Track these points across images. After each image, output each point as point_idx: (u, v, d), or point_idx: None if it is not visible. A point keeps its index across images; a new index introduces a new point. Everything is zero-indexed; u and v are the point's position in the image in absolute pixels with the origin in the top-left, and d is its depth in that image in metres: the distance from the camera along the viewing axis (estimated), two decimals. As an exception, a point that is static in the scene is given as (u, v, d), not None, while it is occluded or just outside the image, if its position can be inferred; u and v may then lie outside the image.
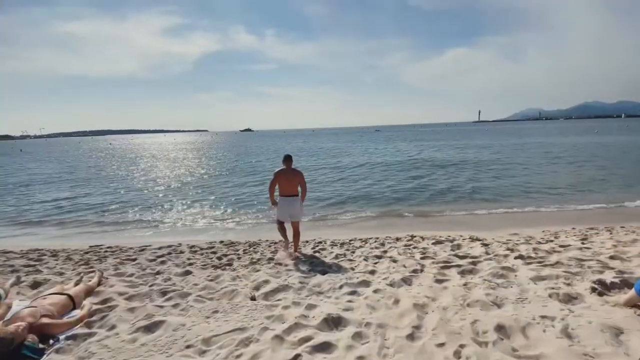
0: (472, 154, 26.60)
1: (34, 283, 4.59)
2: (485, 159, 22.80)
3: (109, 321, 3.30)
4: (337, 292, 3.82)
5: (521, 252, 5.08)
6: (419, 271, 4.51)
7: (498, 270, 4.24)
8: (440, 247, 5.91)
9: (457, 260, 4.95)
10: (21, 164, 34.22)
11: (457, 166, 19.69)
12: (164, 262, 5.66)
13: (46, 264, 5.79)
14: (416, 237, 6.89)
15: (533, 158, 22.22)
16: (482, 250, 5.38)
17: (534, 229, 7.63)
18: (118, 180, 19.85)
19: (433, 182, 14.92)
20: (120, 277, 4.76)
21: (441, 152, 29.38)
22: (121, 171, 24.56)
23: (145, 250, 6.76)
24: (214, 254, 6.04)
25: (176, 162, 30.58)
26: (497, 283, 3.86)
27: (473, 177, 15.81)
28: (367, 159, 23.97)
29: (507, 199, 11.48)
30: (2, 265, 5.60)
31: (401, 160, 24.11)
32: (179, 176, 20.78)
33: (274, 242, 6.86)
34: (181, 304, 3.62)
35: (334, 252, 5.74)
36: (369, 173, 18.57)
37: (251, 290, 3.92)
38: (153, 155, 41.05)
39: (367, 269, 4.66)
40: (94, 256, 6.35)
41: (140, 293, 4.02)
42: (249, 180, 17.90)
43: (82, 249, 7.13)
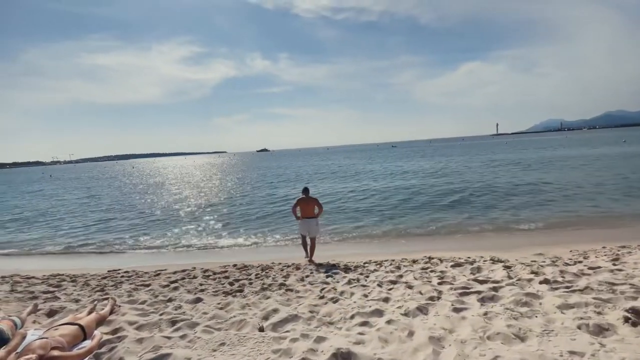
0: (493, 167, 25.88)
1: (50, 311, 4.66)
2: (506, 171, 22.10)
3: (117, 354, 3.27)
4: (348, 323, 3.66)
5: (547, 276, 4.76)
6: (436, 298, 4.29)
7: (521, 297, 3.96)
8: (459, 270, 5.64)
9: (476, 285, 4.68)
10: (52, 189, 35.97)
11: (480, 180, 19.14)
12: (176, 288, 5.65)
13: (64, 290, 5.90)
14: (434, 259, 6.62)
15: (557, 170, 21.34)
16: (504, 274, 5.08)
17: (561, 247, 7.21)
18: (138, 203, 20.44)
19: (450, 197, 14.52)
20: (132, 305, 4.77)
21: (460, 166, 28.77)
22: (141, 194, 25.33)
23: (160, 275, 6.80)
24: (226, 279, 5.99)
25: (195, 184, 31.30)
26: (520, 312, 3.60)
27: (498, 191, 15.27)
28: (392, 182, 23.49)
29: (533, 213, 10.97)
30: (23, 292, 5.75)
31: (415, 183, 23.71)
32: (197, 197, 21.18)
33: (286, 266, 6.76)
34: (189, 335, 3.56)
35: (348, 276, 5.57)
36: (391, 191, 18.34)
37: (260, 320, 3.82)
38: (173, 178, 42.28)
39: (381, 296, 4.47)
40: (110, 282, 6.44)
41: (150, 322, 3.99)
42: (265, 201, 18.01)
43: (100, 273, 7.27)
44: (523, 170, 23.01)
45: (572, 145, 50.83)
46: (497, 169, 24.98)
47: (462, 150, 58.57)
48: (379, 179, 23.99)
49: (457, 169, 26.70)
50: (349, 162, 49.20)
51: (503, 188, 16.07)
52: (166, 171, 61.24)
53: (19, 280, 6.79)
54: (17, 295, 5.55)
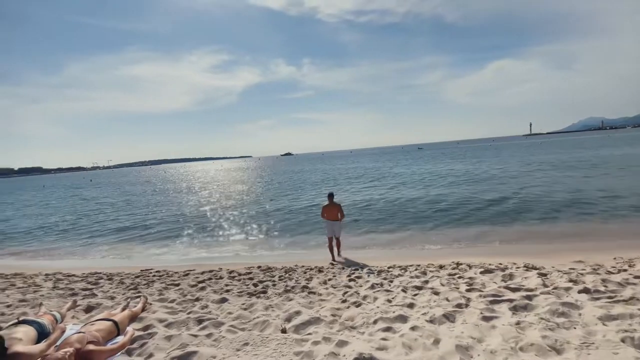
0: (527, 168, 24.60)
1: (88, 307, 4.95)
2: (541, 173, 20.92)
3: (147, 349, 3.40)
4: (371, 328, 3.60)
5: (587, 285, 4.44)
6: (464, 306, 4.12)
7: (558, 307, 3.72)
8: (490, 277, 5.39)
9: (508, 293, 4.45)
10: (93, 193, 38.35)
11: (515, 182, 18.27)
12: (203, 288, 5.82)
13: (101, 288, 6.25)
14: (462, 265, 6.38)
15: (598, 171, 19.93)
16: (538, 282, 4.80)
17: (603, 255, 6.70)
18: (170, 205, 21.32)
19: (483, 200, 13.94)
20: (162, 303, 4.96)
21: (490, 168, 27.57)
22: (173, 197, 26.41)
23: (189, 275, 7.04)
24: (251, 280, 6.10)
25: (222, 188, 32.22)
26: (556, 323, 3.38)
27: (533, 194, 14.49)
28: (418, 185, 22.86)
29: (573, 218, 10.31)
30: (64, 289, 6.14)
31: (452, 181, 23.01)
32: (224, 200, 21.77)
33: (309, 269, 6.78)
34: (214, 334, 3.64)
35: (370, 281, 5.49)
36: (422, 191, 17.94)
37: (282, 322, 3.84)
38: (202, 182, 43.76)
39: (405, 302, 4.36)
40: (143, 280, 6.74)
41: (178, 320, 4.13)
42: (291, 204, 18.18)
43: (134, 272, 7.62)
44: (560, 171, 21.71)
45: (616, 145, 47.35)
46: (533, 171, 23.72)
47: (493, 152, 56.20)
48: (406, 182, 23.51)
49: (487, 171, 25.65)
50: (374, 165, 48.67)
51: (539, 191, 15.24)
52: (196, 175, 63.53)
53: (61, 278, 7.27)
54: (59, 292, 5.94)
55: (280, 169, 63.21)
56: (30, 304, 5.19)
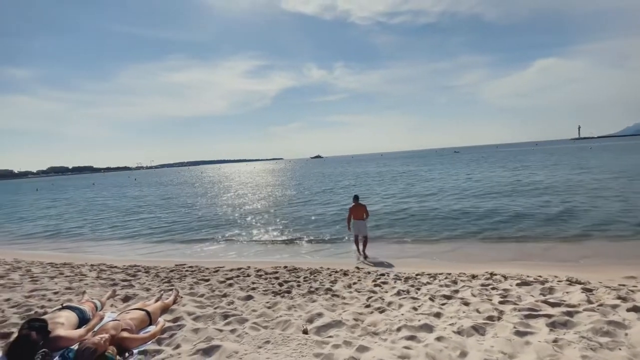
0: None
1: (125, 297, 5.28)
2: (595, 181, 19.27)
3: (176, 340, 3.56)
4: (394, 335, 3.50)
5: (637, 303, 4.02)
6: (496, 319, 3.88)
7: (603, 326, 3.40)
8: (527, 289, 5.04)
9: (547, 308, 4.13)
10: (137, 192, 41.02)
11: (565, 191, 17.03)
12: (231, 284, 5.99)
13: (138, 280, 6.63)
14: (497, 276, 6.02)
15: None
16: (582, 297, 4.41)
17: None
18: (206, 205, 22.26)
19: (525, 208, 13.10)
20: (192, 297, 5.17)
21: (534, 173, 25.86)
22: (209, 197, 27.55)
23: (218, 271, 7.28)
24: (276, 280, 6.19)
25: (255, 189, 33.10)
26: (599, 342, 3.09)
27: (582, 202, 13.37)
28: (454, 191, 21.87)
29: (625, 230, 9.40)
30: (106, 279, 6.60)
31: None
32: (257, 201, 22.34)
33: (334, 271, 6.74)
34: (238, 330, 3.73)
35: (397, 287, 5.35)
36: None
37: (304, 323, 3.85)
38: (237, 183, 45.24)
39: (432, 311, 4.19)
40: (176, 274, 7.07)
41: (206, 315, 4.28)
42: (320, 207, 18.27)
43: (168, 266, 8.01)
44: (613, 178, 19.86)
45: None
46: (582, 178, 21.93)
47: (537, 157, 52.69)
48: (442, 187, 22.63)
49: (530, 177, 24.08)
50: (407, 169, 47.56)
51: (589, 199, 14.05)
52: (231, 177, 65.82)
53: (104, 269, 7.82)
54: (101, 282, 6.39)
55: (311, 171, 63.72)
56: (75, 291, 5.63)
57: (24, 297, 5.27)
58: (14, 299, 5.12)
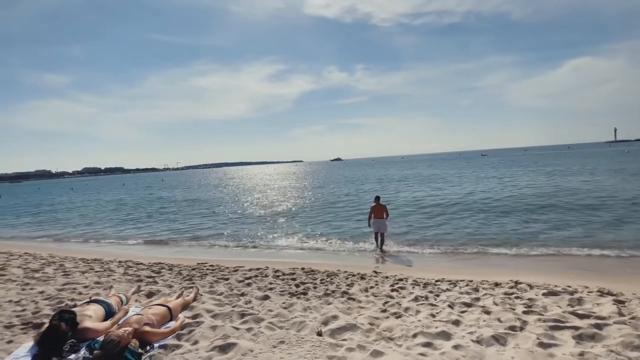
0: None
1: (149, 293, 5.49)
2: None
3: (194, 336, 3.67)
4: (410, 342, 3.43)
5: (675, 318, 3.75)
6: (518, 329, 3.73)
7: (633, 340, 3.19)
8: (554, 300, 4.81)
9: (574, 319, 3.93)
10: (165, 193, 42.60)
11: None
12: (249, 284, 6.10)
13: (162, 277, 6.88)
14: (521, 284, 5.77)
15: None
16: (613, 309, 4.16)
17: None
18: (230, 205, 22.80)
19: (558, 214, 12.49)
20: (211, 295, 5.30)
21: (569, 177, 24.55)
22: (233, 198, 28.18)
23: (238, 270, 7.43)
24: (293, 281, 6.24)
25: (276, 190, 33.52)
26: (628, 357, 2.90)
27: (619, 211, 12.58)
28: (479, 194, 21.16)
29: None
30: (132, 275, 6.90)
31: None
32: (278, 203, 22.63)
33: (351, 274, 6.71)
34: (254, 329, 3.79)
35: (415, 293, 5.25)
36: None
37: (319, 325, 3.86)
38: (259, 184, 46.00)
39: (451, 318, 4.08)
40: (197, 273, 7.27)
41: (224, 313, 4.38)
42: (340, 209, 18.25)
43: (191, 265, 8.25)
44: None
45: None
46: (619, 182, 20.65)
47: (571, 161, 49.97)
48: (471, 191, 21.88)
49: (560, 181, 22.90)
50: (431, 171, 46.55)
51: (626, 207, 13.21)
52: (254, 179, 67.03)
53: (131, 265, 8.17)
54: (128, 277, 6.68)
55: (332, 174, 63.72)
56: (103, 286, 5.92)
57: (57, 290, 5.60)
58: (47, 292, 5.46)
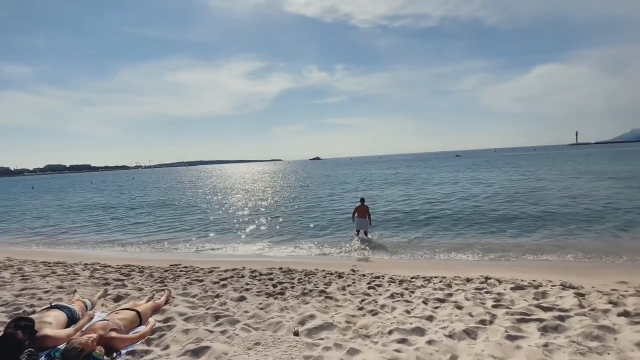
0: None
1: (117, 297, 5.23)
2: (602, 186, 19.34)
3: (165, 340, 3.53)
4: (385, 338, 3.48)
5: (627, 308, 4.04)
6: (488, 322, 3.87)
7: (593, 330, 3.40)
8: (520, 293, 5.04)
9: (539, 312, 4.13)
10: (139, 190, 40.87)
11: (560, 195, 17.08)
12: (225, 285, 5.96)
13: (132, 279, 6.59)
14: (491, 280, 6.02)
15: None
16: (574, 302, 4.42)
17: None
18: (203, 205, 22.21)
19: (523, 212, 13.12)
20: (185, 297, 5.13)
21: (532, 177, 25.91)
22: (206, 198, 27.47)
23: (213, 271, 7.24)
24: (270, 281, 6.16)
25: (252, 190, 33.04)
26: (588, 347, 3.08)
27: (580, 207, 13.41)
28: (454, 194, 21.82)
29: (622, 235, 9.45)
30: (99, 278, 6.55)
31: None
32: (254, 203, 22.31)
33: (329, 273, 6.72)
34: (229, 331, 3.71)
35: (391, 290, 5.34)
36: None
37: (296, 324, 3.82)
38: (237, 183, 45.16)
39: (425, 314, 4.18)
40: (170, 274, 7.03)
41: (197, 315, 4.25)
42: (318, 208, 18.25)
43: (163, 267, 7.96)
44: (610, 184, 19.95)
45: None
46: (579, 182, 22.03)
47: (536, 162, 52.86)
48: (443, 191, 22.60)
49: (527, 181, 24.16)
50: (410, 171, 47.57)
51: (586, 205, 14.11)
52: (231, 177, 65.75)
53: (98, 268, 7.76)
54: (94, 281, 6.34)
55: (310, 172, 63.69)
56: (66, 290, 5.58)
57: (14, 296, 5.22)
58: (3, 298, 5.07)
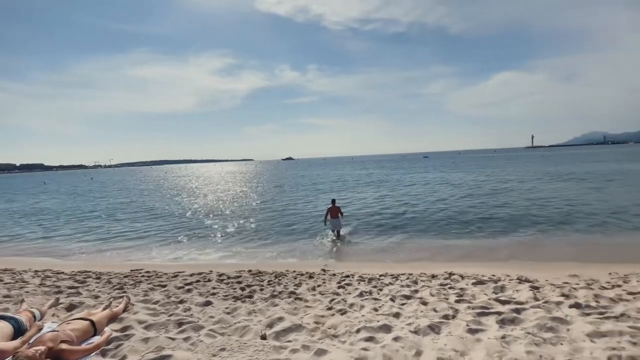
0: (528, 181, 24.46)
1: (70, 306, 4.86)
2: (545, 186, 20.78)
3: (122, 351, 3.32)
4: (353, 337, 3.50)
5: (578, 300, 4.34)
6: (451, 317, 4.02)
7: (547, 322, 3.62)
8: (481, 288, 5.28)
9: (497, 305, 4.35)
10: (94, 193, 38.38)
11: (510, 194, 18.14)
12: (190, 290, 5.73)
13: (87, 287, 6.16)
14: (455, 275, 6.27)
15: (601, 185, 19.76)
16: (529, 295, 4.69)
17: (599, 269, 6.60)
18: (168, 207, 21.29)
19: (484, 211, 13.80)
20: (145, 304, 4.87)
21: (493, 178, 27.43)
22: (171, 199, 26.39)
23: (177, 276, 6.95)
24: (239, 284, 6.01)
25: (221, 191, 32.18)
26: (543, 338, 3.28)
27: (534, 206, 14.31)
28: (421, 193, 22.59)
29: (572, 230, 10.19)
30: (50, 286, 6.07)
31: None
32: (222, 204, 21.72)
33: (300, 274, 6.68)
34: (192, 338, 3.55)
35: (360, 288, 5.39)
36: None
37: (263, 328, 3.75)
38: (205, 184, 43.77)
39: (392, 311, 4.26)
40: (130, 280, 6.66)
41: (158, 323, 4.04)
42: (290, 209, 18.11)
43: (123, 272, 7.54)
44: (561, 184, 21.56)
45: (619, 160, 47.11)
46: (534, 183, 23.58)
47: (496, 163, 56.04)
48: (410, 192, 23.34)
49: (488, 182, 25.53)
50: (382, 172, 48.52)
51: (540, 203, 15.11)
52: (199, 177, 63.60)
53: (50, 275, 7.20)
54: (45, 289, 5.86)
55: (283, 173, 63.18)
56: (13, 299, 5.12)
57: (-50, 309, 4.70)
58: (-63, 311, 4.54)
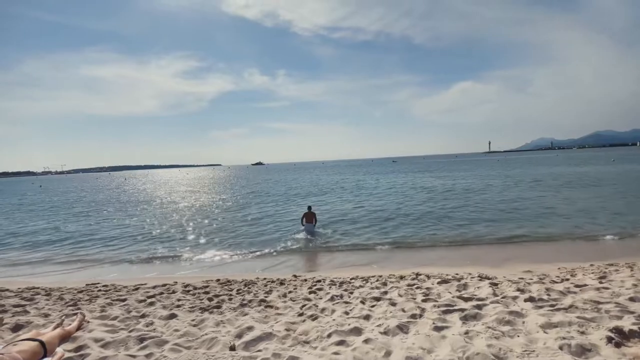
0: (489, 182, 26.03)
1: (16, 326, 4.42)
2: (499, 187, 22.20)
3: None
4: (324, 342, 3.50)
5: (532, 294, 4.66)
6: (418, 316, 4.15)
7: (505, 316, 3.84)
8: (445, 287, 5.51)
9: (461, 303, 4.56)
10: (42, 198, 35.33)
11: (470, 195, 19.17)
12: (152, 303, 5.43)
13: (36, 305, 5.64)
14: (421, 276, 6.50)
15: (550, 188, 21.47)
16: (489, 291, 4.97)
17: (549, 265, 7.16)
18: (126, 217, 20.09)
19: (447, 212, 14.44)
20: (103, 321, 4.55)
21: (450, 180, 28.88)
22: (130, 208, 24.96)
23: (138, 289, 6.57)
24: (206, 295, 5.79)
25: (185, 199, 30.97)
26: (502, 331, 3.48)
27: (494, 207, 15.24)
28: (388, 196, 23.15)
29: (526, 230, 10.93)
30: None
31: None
32: (187, 212, 20.89)
33: (270, 281, 6.57)
34: (155, 354, 3.37)
35: (331, 293, 5.41)
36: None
37: (232, 338, 3.64)
38: (168, 190, 41.85)
39: (362, 314, 4.32)
40: (85, 296, 6.19)
41: (117, 340, 3.78)
42: (260, 215, 17.80)
43: (77, 287, 7.00)
44: (517, 186, 23.18)
45: (568, 164, 51.52)
46: (492, 185, 25.11)
47: (458, 167, 59.07)
48: (379, 194, 23.92)
49: (453, 184, 26.83)
50: (354, 177, 49.15)
51: (498, 204, 16.10)
52: (164, 184, 60.68)
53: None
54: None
55: (252, 178, 62.07)
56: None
57: None
58: None
